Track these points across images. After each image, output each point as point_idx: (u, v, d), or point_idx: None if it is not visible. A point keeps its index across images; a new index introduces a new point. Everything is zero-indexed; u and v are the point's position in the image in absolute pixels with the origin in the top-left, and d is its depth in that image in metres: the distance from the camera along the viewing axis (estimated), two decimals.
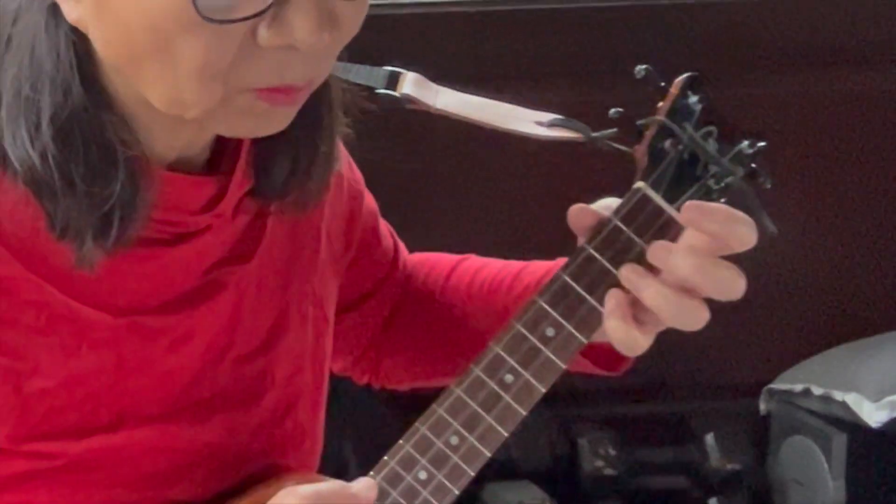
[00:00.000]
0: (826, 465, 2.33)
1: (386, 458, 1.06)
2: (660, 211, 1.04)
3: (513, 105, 1.14)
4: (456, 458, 1.05)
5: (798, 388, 2.40)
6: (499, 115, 1.14)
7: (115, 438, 1.00)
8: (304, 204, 1.06)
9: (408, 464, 1.05)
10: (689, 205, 1.01)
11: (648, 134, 1.05)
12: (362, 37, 0.95)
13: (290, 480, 1.05)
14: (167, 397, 1.02)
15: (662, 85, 1.06)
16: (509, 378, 1.05)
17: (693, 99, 1.05)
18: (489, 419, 1.05)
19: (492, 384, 1.05)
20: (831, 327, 2.50)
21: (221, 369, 1.05)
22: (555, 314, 1.04)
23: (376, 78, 1.14)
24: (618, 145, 1.07)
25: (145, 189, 0.95)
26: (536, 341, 1.05)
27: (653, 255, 1.02)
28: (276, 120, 0.94)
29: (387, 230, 1.24)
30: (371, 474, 1.06)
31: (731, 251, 1.01)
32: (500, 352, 1.05)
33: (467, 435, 1.05)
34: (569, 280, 1.04)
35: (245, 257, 1.06)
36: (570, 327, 1.04)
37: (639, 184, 1.04)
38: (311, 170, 1.03)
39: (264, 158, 1.03)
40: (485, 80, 1.23)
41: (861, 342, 2.44)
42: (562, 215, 1.05)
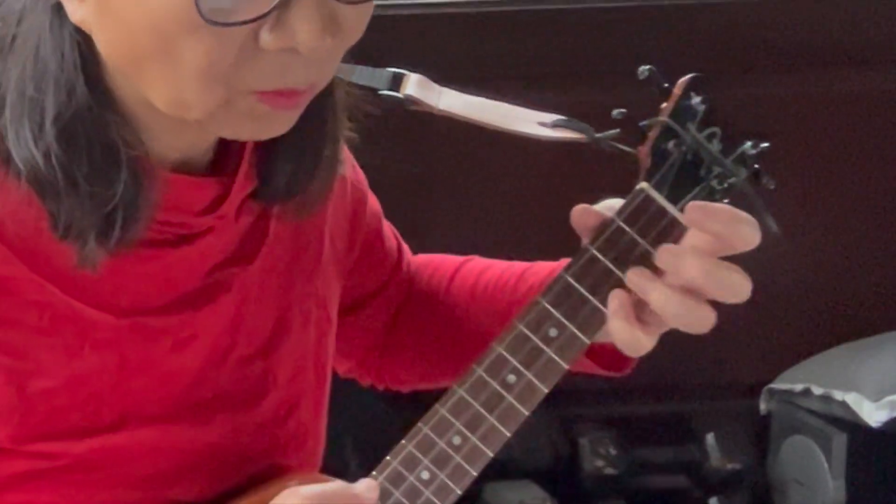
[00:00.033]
0: (826, 465, 2.33)
1: (388, 457, 1.06)
2: (663, 211, 1.03)
3: (516, 106, 1.14)
4: (458, 457, 1.05)
5: (798, 387, 2.40)
6: (502, 115, 1.14)
7: (117, 438, 1.00)
8: (307, 207, 1.06)
9: (410, 464, 1.05)
10: (693, 205, 1.01)
11: (651, 135, 1.05)
12: (364, 38, 0.94)
13: (292, 480, 1.05)
14: (169, 398, 1.02)
15: (666, 86, 1.06)
16: (512, 378, 1.05)
17: (696, 100, 1.05)
18: (491, 419, 1.05)
19: (494, 384, 1.05)
20: (831, 327, 2.50)
21: (224, 370, 1.05)
22: (557, 314, 1.04)
23: (379, 79, 1.14)
24: (621, 146, 1.06)
25: (148, 190, 0.95)
26: (539, 342, 1.04)
27: (661, 260, 1.01)
28: (277, 123, 0.94)
29: (390, 232, 1.24)
30: (373, 474, 1.06)
31: (735, 251, 1.01)
32: (503, 352, 1.05)
33: (470, 435, 1.05)
34: (571, 280, 1.04)
35: (248, 258, 1.06)
36: (573, 328, 1.04)
37: (642, 184, 1.04)
38: (314, 173, 1.03)
39: (267, 161, 1.03)
40: (487, 81, 1.23)
41: (861, 342, 2.44)
42: (565, 216, 1.05)
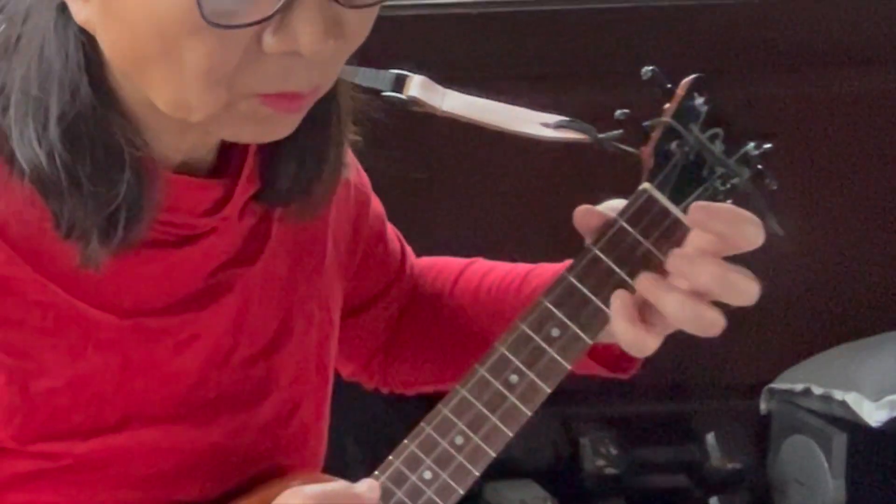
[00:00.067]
0: (826, 465, 2.33)
1: (391, 457, 1.05)
2: (665, 212, 1.03)
3: (519, 107, 1.14)
4: (461, 457, 1.05)
5: (798, 387, 2.40)
6: (505, 116, 1.14)
7: (120, 439, 1.00)
8: (310, 210, 1.06)
9: (413, 463, 1.05)
10: (697, 205, 1.01)
11: (654, 135, 1.05)
12: (367, 38, 0.94)
13: (294, 480, 1.05)
14: (172, 398, 1.02)
15: (669, 87, 1.06)
16: (514, 378, 1.05)
17: (699, 100, 1.05)
18: (494, 419, 1.05)
19: (497, 384, 1.05)
20: (831, 327, 2.50)
21: (226, 371, 1.05)
22: (560, 315, 1.04)
23: (383, 81, 1.14)
24: (624, 147, 1.06)
25: (151, 190, 0.95)
26: (541, 342, 1.04)
27: (673, 265, 1.01)
28: (280, 126, 0.94)
29: (394, 234, 1.24)
30: (376, 474, 1.05)
31: (739, 251, 1.00)
32: (506, 352, 1.05)
33: (472, 435, 1.05)
34: (574, 281, 1.04)
35: (250, 260, 1.06)
36: (576, 328, 1.04)
37: (644, 185, 1.04)
38: (317, 176, 1.03)
39: (271, 163, 1.03)
40: (489, 82, 1.23)
41: (861, 342, 2.44)
42: (567, 217, 1.05)
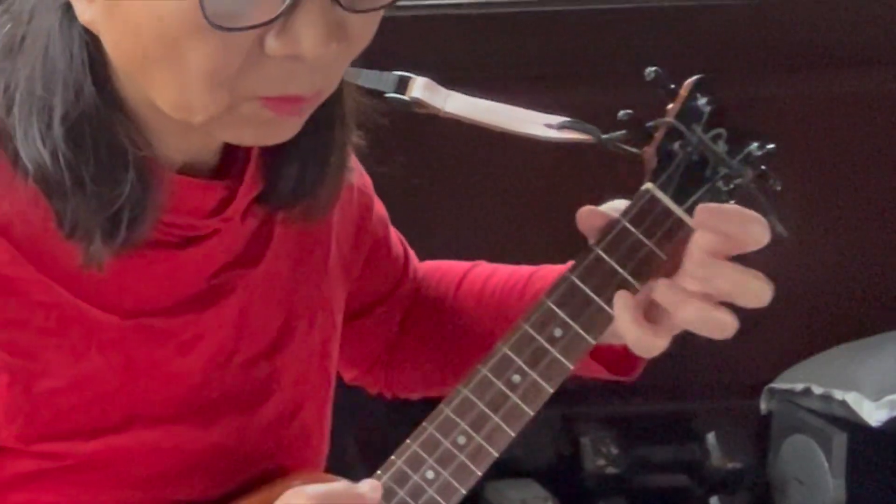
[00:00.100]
0: (826, 464, 2.33)
1: (393, 457, 1.06)
2: (668, 212, 1.04)
3: (522, 108, 1.14)
4: (463, 457, 1.05)
5: (799, 387, 2.40)
6: (508, 118, 1.13)
7: (122, 439, 1.00)
8: (312, 214, 1.06)
9: (415, 463, 1.05)
10: (703, 207, 1.01)
11: (658, 136, 1.05)
12: None
13: (296, 480, 1.05)
14: (175, 399, 1.02)
15: (672, 87, 1.06)
16: (517, 378, 1.05)
17: (702, 101, 1.05)
18: (496, 419, 1.05)
19: (499, 384, 1.05)
20: (831, 327, 2.49)
21: (229, 372, 1.05)
22: (562, 315, 1.04)
23: (386, 82, 1.14)
24: (627, 147, 1.07)
25: (155, 191, 0.95)
26: (544, 342, 1.04)
27: (693, 273, 1.00)
28: (281, 129, 0.93)
29: (397, 238, 1.24)
30: (378, 473, 1.05)
31: (745, 251, 1.01)
32: (508, 352, 1.05)
33: (474, 435, 1.05)
34: (577, 281, 1.04)
35: (253, 261, 1.06)
36: (578, 328, 1.04)
37: (647, 185, 1.04)
38: (320, 180, 1.03)
39: (273, 166, 1.03)
40: (493, 83, 1.23)
41: (861, 342, 2.43)
42: (570, 219, 1.05)
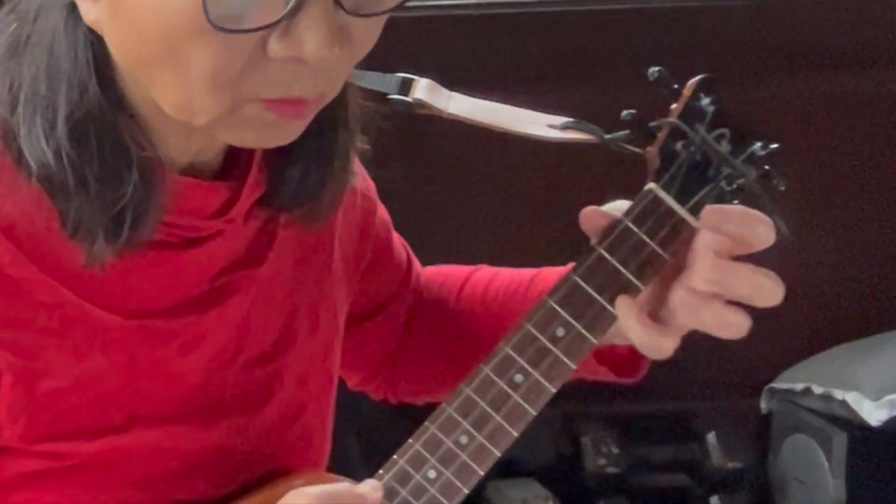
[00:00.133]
0: (826, 464, 2.33)
1: (395, 456, 1.05)
2: (671, 212, 1.03)
3: (525, 109, 1.14)
4: (465, 457, 1.05)
5: (799, 387, 2.40)
6: (511, 118, 1.13)
7: (125, 439, 1.00)
8: (315, 217, 1.06)
9: (417, 462, 1.05)
10: (709, 209, 1.01)
11: (661, 135, 1.05)
12: None
13: (298, 480, 1.06)
14: (177, 399, 1.02)
15: (675, 87, 1.06)
16: (519, 378, 1.05)
17: (706, 101, 1.05)
18: (498, 418, 1.05)
19: (501, 383, 1.05)
20: (831, 327, 2.50)
21: (231, 372, 1.05)
22: (565, 314, 1.04)
23: (389, 84, 1.14)
24: (630, 147, 1.07)
25: (158, 191, 0.95)
26: (546, 341, 1.04)
27: (711, 280, 1.00)
28: (283, 132, 0.93)
29: (399, 243, 1.24)
30: (380, 473, 1.05)
31: (750, 251, 1.01)
32: (510, 351, 1.05)
33: (476, 434, 1.05)
34: (579, 280, 1.04)
35: (256, 262, 1.06)
36: (580, 327, 1.04)
37: (650, 185, 1.04)
38: (323, 183, 1.03)
39: (276, 168, 1.03)
40: (494, 84, 1.23)
41: (861, 342, 2.44)
42: (573, 220, 1.04)
